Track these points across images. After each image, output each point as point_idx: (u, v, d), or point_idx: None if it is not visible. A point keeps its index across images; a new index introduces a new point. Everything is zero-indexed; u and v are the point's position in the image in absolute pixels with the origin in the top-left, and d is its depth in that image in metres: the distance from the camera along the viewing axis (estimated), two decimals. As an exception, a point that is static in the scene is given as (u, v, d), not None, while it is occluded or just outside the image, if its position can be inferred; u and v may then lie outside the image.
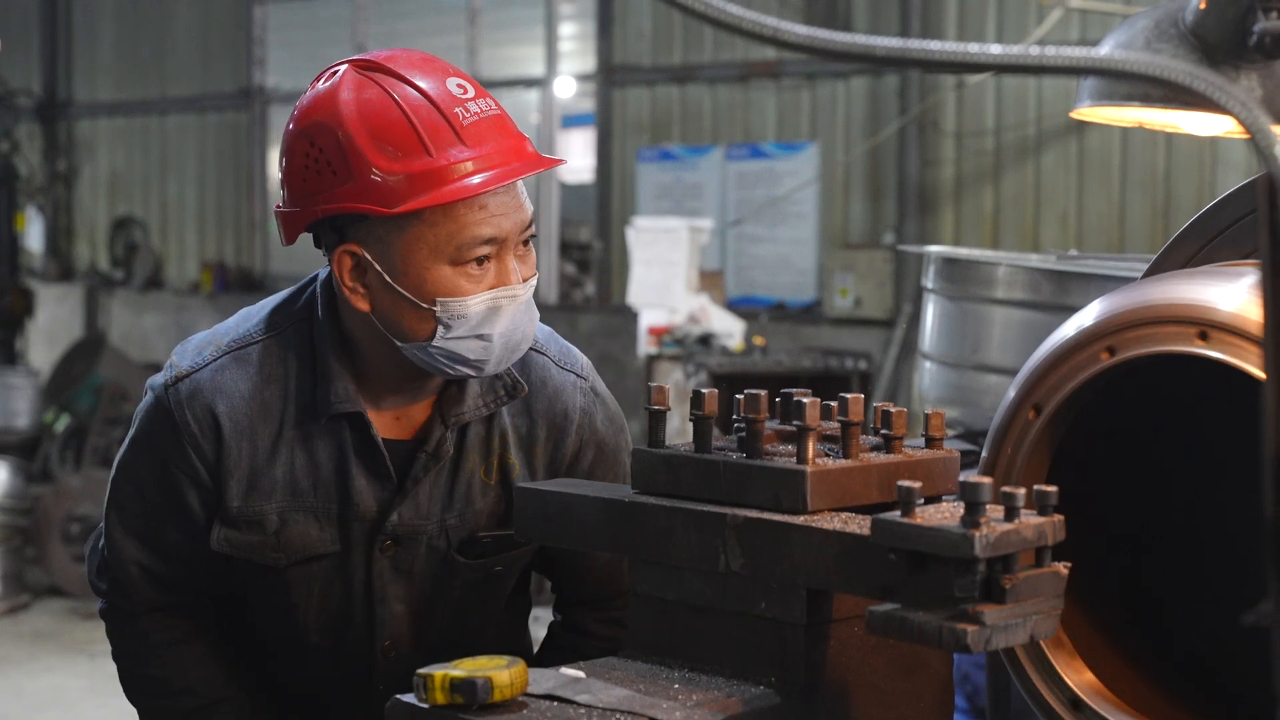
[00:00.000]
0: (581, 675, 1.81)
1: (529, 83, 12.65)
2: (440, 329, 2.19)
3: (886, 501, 1.80)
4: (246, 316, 2.40)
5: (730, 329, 9.40)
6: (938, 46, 1.19)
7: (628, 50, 11.95)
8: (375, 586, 2.37)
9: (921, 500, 1.66)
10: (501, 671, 1.72)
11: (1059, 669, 1.90)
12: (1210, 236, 2.06)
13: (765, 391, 1.87)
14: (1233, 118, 1.16)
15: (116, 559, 2.40)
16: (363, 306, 2.23)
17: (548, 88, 12.57)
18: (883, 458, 1.87)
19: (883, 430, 1.91)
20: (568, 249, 13.25)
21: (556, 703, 1.74)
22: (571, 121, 13.46)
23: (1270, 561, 1.17)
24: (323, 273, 2.35)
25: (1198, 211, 2.08)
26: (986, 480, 1.59)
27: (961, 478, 1.62)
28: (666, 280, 9.45)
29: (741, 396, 1.86)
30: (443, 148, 2.16)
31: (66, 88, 15.99)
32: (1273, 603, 1.17)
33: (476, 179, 2.15)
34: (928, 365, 3.44)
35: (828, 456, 1.85)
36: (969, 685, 3.80)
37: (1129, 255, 3.95)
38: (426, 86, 2.19)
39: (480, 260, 2.18)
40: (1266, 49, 2.08)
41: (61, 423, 11.49)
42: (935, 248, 3.66)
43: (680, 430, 7.77)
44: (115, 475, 2.41)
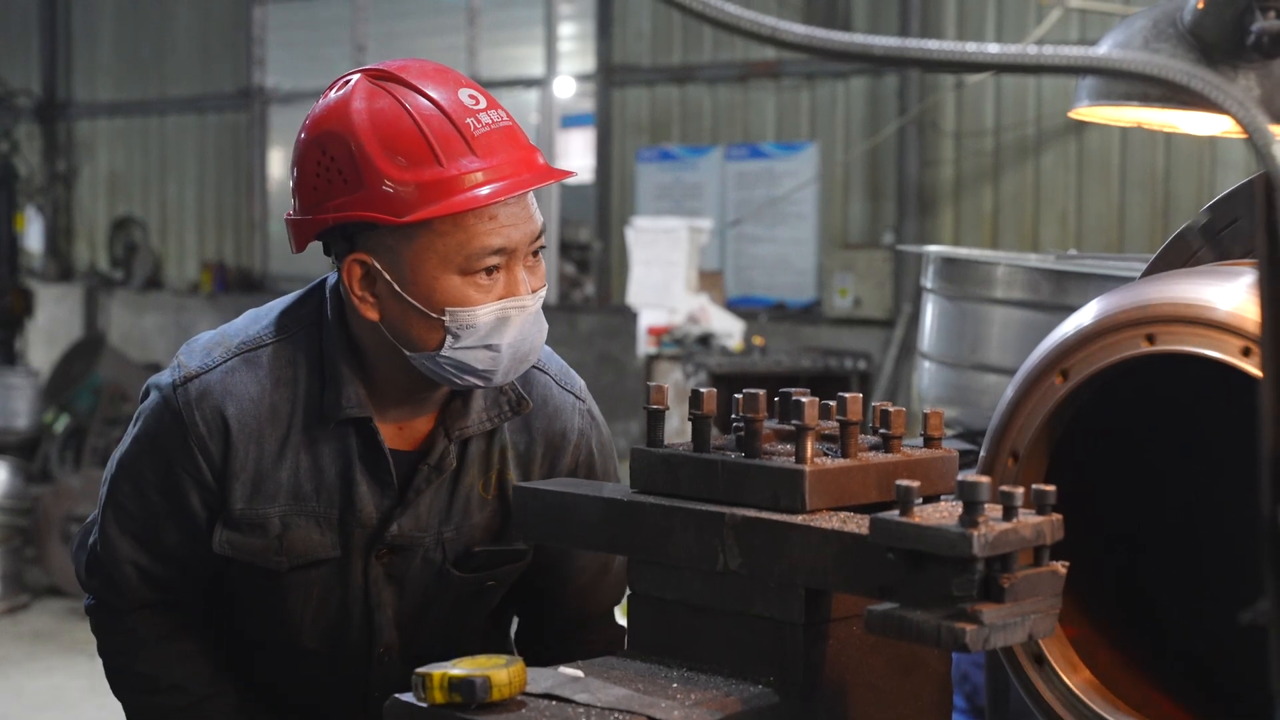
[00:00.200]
0: (580, 674, 1.81)
1: (528, 83, 12.66)
2: (449, 338, 2.20)
3: (885, 501, 1.80)
4: (255, 318, 2.39)
5: (730, 329, 9.40)
6: (936, 46, 1.19)
7: (627, 50, 11.95)
8: (372, 593, 2.38)
9: (920, 499, 1.66)
10: (500, 670, 1.73)
11: (1057, 668, 1.90)
12: (1209, 236, 2.06)
13: (764, 391, 1.87)
14: (1231, 117, 1.16)
15: (110, 557, 2.39)
16: (372, 315, 2.23)
17: (547, 88, 12.58)
18: (881, 457, 1.87)
19: (881, 430, 1.91)
20: (567, 249, 13.26)
21: (555, 702, 1.74)
22: (571, 122, 13.47)
23: (1266, 560, 1.17)
24: (331, 277, 2.35)
25: (1197, 211, 2.08)
26: (985, 479, 1.59)
27: (960, 477, 1.62)
28: (666, 280, 9.45)
29: (740, 396, 1.86)
30: (453, 158, 2.17)
31: (66, 88, 16.00)
32: (1269, 601, 1.17)
33: (486, 189, 2.16)
34: (927, 365, 3.44)
35: (826, 456, 1.85)
36: (968, 684, 3.80)
37: (1128, 255, 3.94)
38: (438, 96, 2.20)
39: (489, 270, 2.19)
40: (1264, 48, 2.08)
41: (61, 423, 11.50)
42: (934, 247, 3.66)
43: (679, 430, 7.77)
44: (114, 473, 2.39)
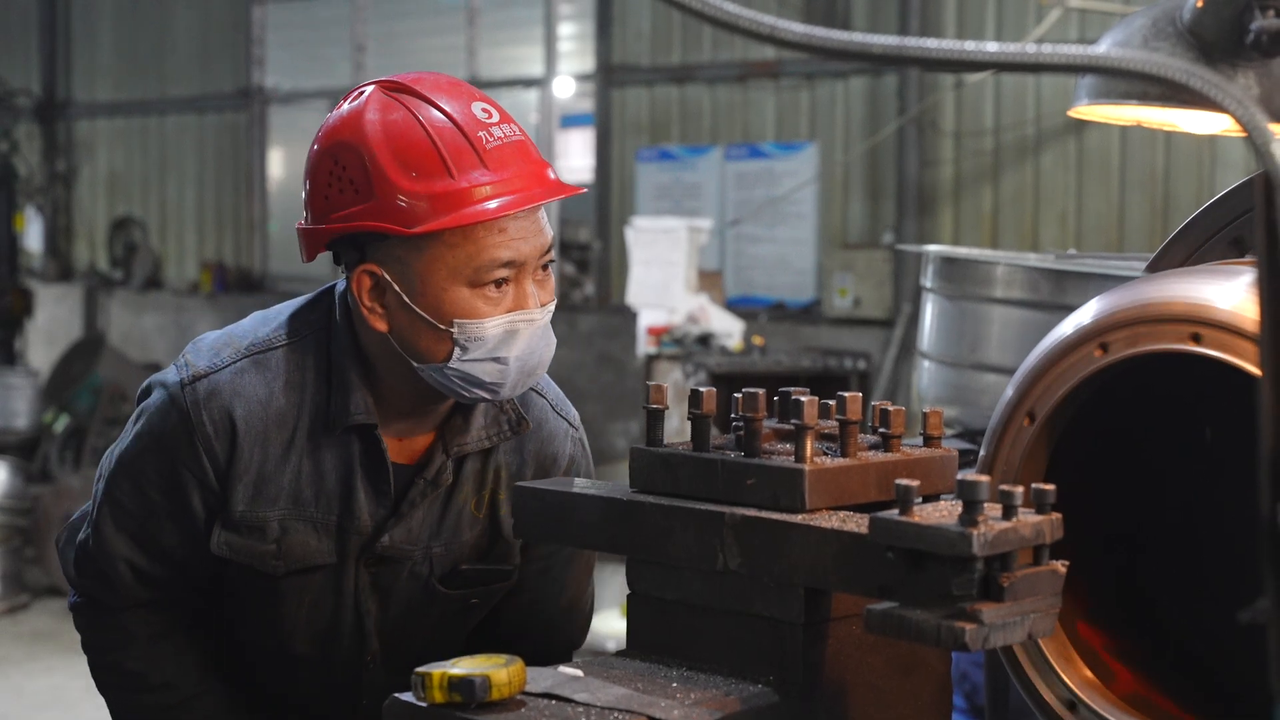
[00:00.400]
0: (579, 674, 1.81)
1: (528, 83, 12.65)
2: (457, 350, 2.20)
3: (884, 500, 1.80)
4: (264, 320, 2.39)
5: (729, 329, 9.39)
6: (935, 45, 1.19)
7: (627, 50, 11.95)
8: (361, 600, 2.38)
9: (919, 499, 1.66)
10: (499, 670, 1.72)
11: (1057, 667, 1.90)
12: (1208, 235, 2.06)
13: (763, 390, 1.87)
14: (1230, 116, 1.16)
15: (104, 554, 2.38)
16: (380, 327, 2.24)
17: (547, 88, 12.57)
18: (881, 456, 1.87)
19: (881, 429, 1.91)
20: (567, 249, 13.25)
21: (554, 701, 1.74)
22: (570, 122, 13.46)
23: (1266, 559, 1.17)
24: (340, 284, 2.35)
25: (1196, 210, 2.08)
26: (984, 479, 1.59)
27: (959, 476, 1.62)
28: (666, 280, 9.44)
29: (739, 395, 1.86)
30: (465, 170, 2.17)
31: (66, 88, 15.99)
32: (1269, 601, 1.17)
33: (495, 203, 2.17)
34: (926, 364, 3.44)
35: (826, 455, 1.85)
36: (967, 684, 3.80)
37: (1128, 254, 3.94)
38: (452, 109, 2.21)
39: (498, 283, 2.20)
40: (1263, 47, 2.08)
41: (61, 423, 11.51)
42: (934, 247, 3.66)
43: (679, 429, 7.77)
44: (114, 470, 2.38)
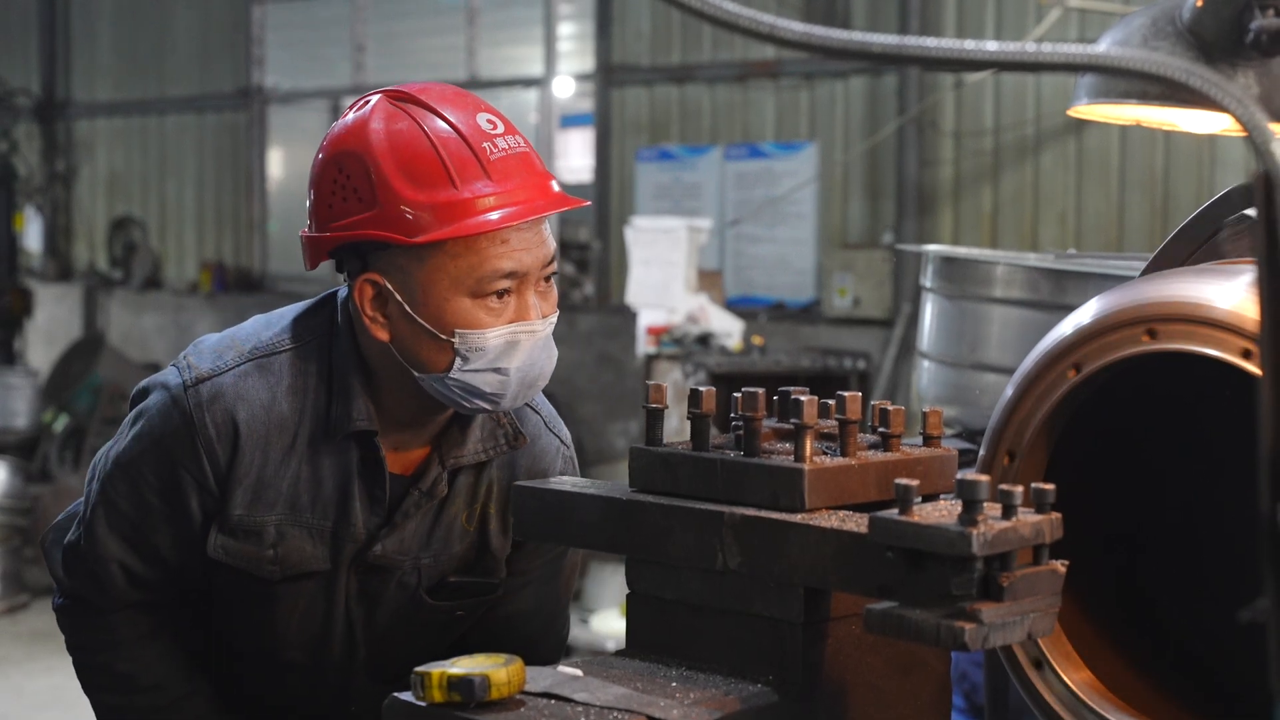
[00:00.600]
0: (579, 673, 1.81)
1: (527, 82, 12.65)
2: (458, 361, 2.21)
3: (884, 500, 1.80)
4: (267, 324, 2.39)
5: (729, 329, 9.39)
6: (935, 44, 1.19)
7: (626, 50, 11.94)
8: (352, 608, 2.38)
9: (919, 498, 1.66)
10: (499, 669, 1.72)
11: (1056, 667, 1.90)
12: (1208, 234, 2.06)
13: (763, 390, 1.86)
14: (1230, 115, 1.16)
15: (96, 555, 2.37)
16: (382, 336, 2.24)
17: (546, 88, 12.56)
18: (880, 456, 1.87)
19: (880, 428, 1.91)
20: (566, 249, 13.25)
21: (554, 700, 1.74)
22: (570, 121, 13.45)
23: (1266, 559, 1.17)
24: (343, 290, 2.35)
25: (1196, 210, 2.08)
26: (984, 478, 1.59)
27: (959, 476, 1.62)
28: (665, 280, 9.44)
29: (739, 395, 1.86)
30: (468, 181, 2.18)
31: (65, 88, 15.98)
32: (1269, 600, 1.17)
33: (498, 214, 2.18)
34: (926, 364, 3.44)
35: (825, 455, 1.84)
36: (967, 683, 3.80)
37: (1127, 254, 3.94)
38: (457, 120, 2.22)
39: (500, 294, 2.21)
40: (1263, 46, 2.08)
41: (60, 423, 11.51)
42: (934, 247, 3.66)
43: (679, 429, 7.77)
44: (110, 471, 2.37)
